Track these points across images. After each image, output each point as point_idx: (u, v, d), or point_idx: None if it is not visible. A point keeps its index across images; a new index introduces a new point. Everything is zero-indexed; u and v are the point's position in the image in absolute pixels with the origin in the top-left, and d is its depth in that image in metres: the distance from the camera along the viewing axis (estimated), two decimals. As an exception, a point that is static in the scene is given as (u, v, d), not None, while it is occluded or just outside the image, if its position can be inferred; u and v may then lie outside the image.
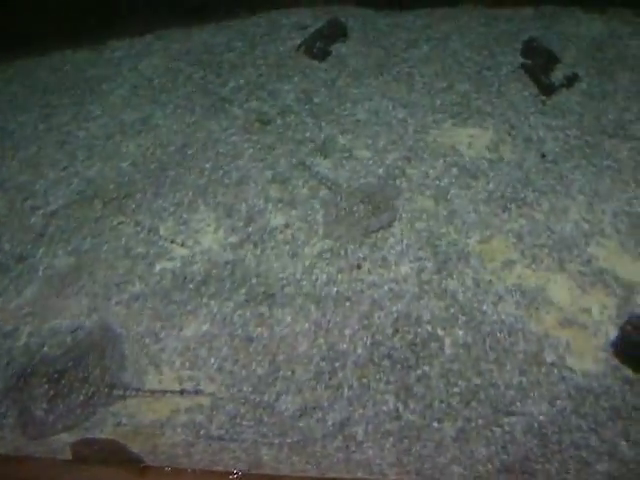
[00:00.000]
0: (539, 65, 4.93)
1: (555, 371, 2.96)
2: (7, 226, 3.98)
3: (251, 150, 4.38)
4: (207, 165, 4.29)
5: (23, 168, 4.43)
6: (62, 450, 2.81)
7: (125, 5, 5.55)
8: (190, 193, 4.09)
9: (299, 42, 5.41)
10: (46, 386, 3.03)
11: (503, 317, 3.20)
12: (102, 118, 4.82)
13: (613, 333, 3.06)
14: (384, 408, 2.88)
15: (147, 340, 3.27)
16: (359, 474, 2.61)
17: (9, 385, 3.12)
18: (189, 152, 4.42)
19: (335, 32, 5.46)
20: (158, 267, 3.64)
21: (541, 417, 2.80)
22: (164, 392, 3.03)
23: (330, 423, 2.84)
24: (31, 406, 3.00)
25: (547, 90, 4.73)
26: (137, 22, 5.65)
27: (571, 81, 4.78)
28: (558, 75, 4.83)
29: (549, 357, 3.02)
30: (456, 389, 2.92)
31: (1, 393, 3.12)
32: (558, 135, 4.30)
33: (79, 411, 2.98)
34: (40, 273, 3.66)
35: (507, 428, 2.77)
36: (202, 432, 2.88)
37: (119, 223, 3.93)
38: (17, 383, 3.10)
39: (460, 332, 3.15)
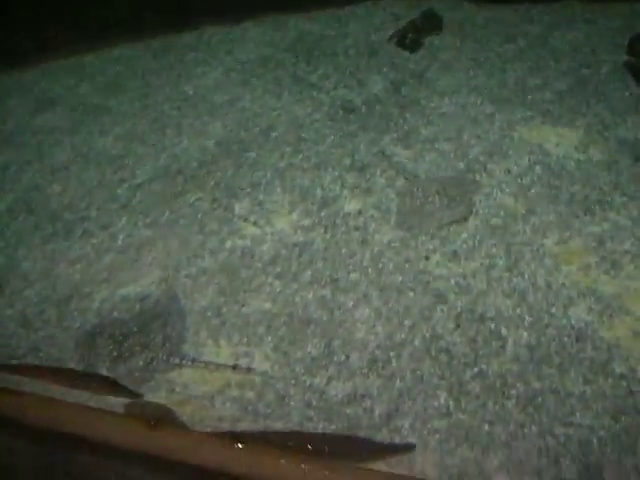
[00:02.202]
0: (645, 63, 4.64)
1: (624, 384, 2.76)
2: (96, 196, 4.16)
3: (333, 137, 4.39)
4: (288, 149, 4.33)
5: (117, 143, 4.61)
6: (118, 408, 2.90)
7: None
8: (268, 174, 4.13)
9: (392, 33, 5.36)
10: (110, 347, 3.15)
11: (573, 322, 3.02)
12: (194, 99, 4.97)
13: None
14: (434, 403, 2.78)
15: (209, 313, 3.32)
16: (399, 469, 2.53)
17: (79, 342, 3.26)
18: (272, 135, 4.48)
19: (429, 24, 5.37)
20: (229, 244, 3.70)
21: (602, 432, 2.61)
22: (218, 365, 3.07)
23: (377, 413, 2.78)
24: (96, 364, 3.13)
25: (651, 91, 4.43)
26: (235, 9, 5.78)
27: (679, 81, 4.46)
28: (666, 75, 4.52)
29: (618, 368, 2.82)
30: (513, 391, 2.78)
31: (72, 350, 3.26)
32: (657, 138, 4.02)
33: (137, 374, 3.08)
34: (120, 242, 3.80)
35: (562, 440, 2.60)
36: (250, 408, 2.89)
37: (197, 199, 4.02)
38: (86, 341, 3.24)
39: (524, 333, 3.00)
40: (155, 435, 1.94)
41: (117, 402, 2.92)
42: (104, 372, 3.09)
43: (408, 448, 2.62)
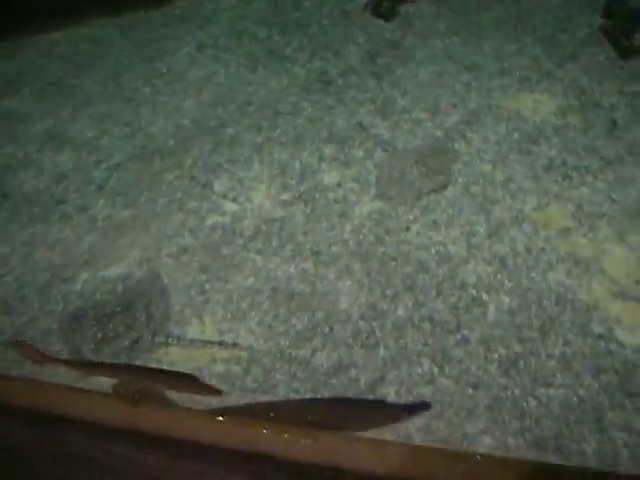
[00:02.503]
0: (619, 27, 4.62)
1: (602, 343, 2.82)
2: (73, 178, 4.11)
3: (310, 110, 4.35)
4: (265, 123, 4.29)
5: (92, 124, 4.54)
6: (105, 388, 2.90)
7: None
8: (246, 150, 4.11)
9: (366, 1, 5.30)
10: (95, 329, 3.15)
11: (552, 285, 3.07)
12: (168, 76, 4.89)
13: (670, 308, 2.88)
14: (419, 370, 2.82)
15: (192, 291, 3.32)
16: (385, 435, 2.57)
17: (63, 326, 3.25)
18: (249, 110, 4.43)
19: (404, -8, 5.30)
20: (209, 222, 3.69)
21: (582, 391, 2.67)
22: (204, 342, 3.08)
23: (362, 382, 2.82)
24: (81, 346, 3.13)
25: (626, 53, 4.42)
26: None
27: (654, 44, 4.46)
28: (640, 37, 4.51)
29: (597, 329, 2.87)
30: (495, 355, 2.83)
31: (56, 333, 3.25)
32: (633, 102, 4.04)
33: (123, 355, 3.08)
34: (99, 224, 3.77)
35: (544, 400, 2.66)
36: (237, 383, 2.91)
37: (175, 178, 3.99)
38: (70, 325, 3.23)
39: (506, 298, 3.04)
40: (138, 411, 1.95)
41: (104, 381, 2.92)
42: (89, 355, 3.08)
43: (424, 407, 2.62)
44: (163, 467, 1.81)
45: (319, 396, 2.78)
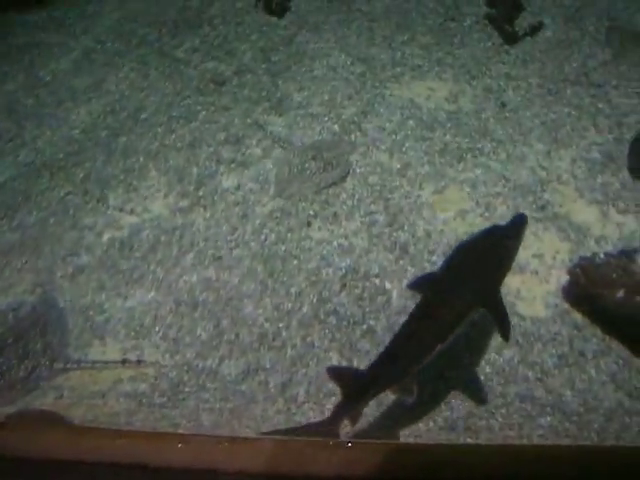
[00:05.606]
0: (503, 14, 4.75)
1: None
2: (-50, 202, 3.84)
3: (204, 112, 4.25)
4: (159, 129, 4.16)
5: (-32, 140, 4.27)
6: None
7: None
8: (141, 159, 3.97)
9: (257, -2, 5.23)
10: (-18, 364, 2.95)
11: (453, 267, 3.09)
12: (52, 84, 4.67)
13: (565, 278, 2.94)
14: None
15: (91, 312, 3.17)
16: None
17: (-51, 363, 3.02)
18: (141, 117, 4.29)
19: (294, -13, 5.26)
20: (106, 237, 3.53)
21: (487, 369, 2.70)
22: (106, 363, 2.94)
23: (272, 385, 2.76)
24: (-33, 383, 2.92)
25: (510, 39, 4.57)
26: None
27: (535, 29, 4.61)
28: (523, 24, 4.65)
29: (499, 306, 2.91)
30: (401, 343, 2.81)
31: (-57, 370, 3.02)
32: (519, 84, 4.17)
33: (19, 386, 2.91)
34: (-18, 252, 3.54)
35: (452, 382, 2.67)
36: (144, 401, 2.79)
37: (67, 194, 3.80)
38: (-44, 361, 3.01)
39: (408, 284, 3.04)
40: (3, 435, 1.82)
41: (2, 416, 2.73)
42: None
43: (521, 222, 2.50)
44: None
45: (230, 405, 2.68)
